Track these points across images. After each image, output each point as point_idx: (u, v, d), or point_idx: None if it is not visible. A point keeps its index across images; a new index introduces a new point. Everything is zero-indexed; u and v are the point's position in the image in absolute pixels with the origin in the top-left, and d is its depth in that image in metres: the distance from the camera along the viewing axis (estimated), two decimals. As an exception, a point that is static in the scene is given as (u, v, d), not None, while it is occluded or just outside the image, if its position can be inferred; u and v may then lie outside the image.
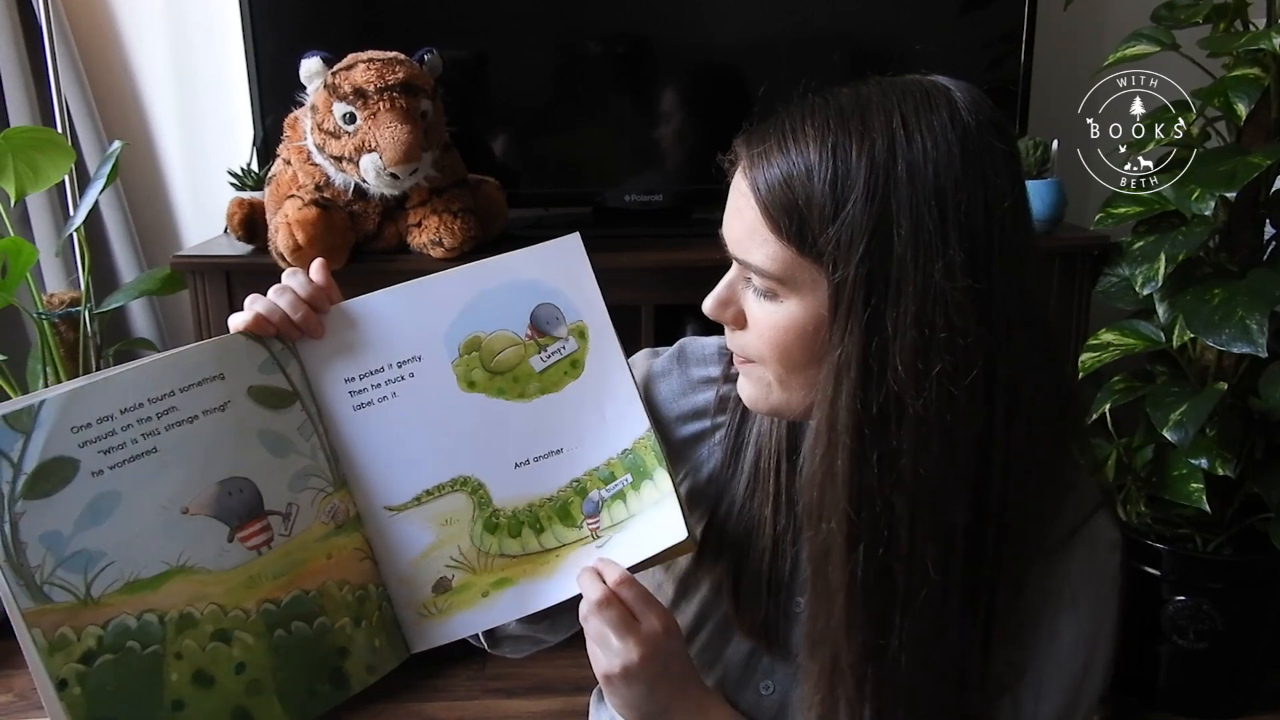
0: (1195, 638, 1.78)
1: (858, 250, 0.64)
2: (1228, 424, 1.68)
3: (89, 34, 2.03)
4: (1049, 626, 0.74)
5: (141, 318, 2.09)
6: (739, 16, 1.85)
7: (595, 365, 0.81)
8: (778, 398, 0.74)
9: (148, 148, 2.11)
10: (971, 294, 0.64)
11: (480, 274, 0.80)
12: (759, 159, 0.69)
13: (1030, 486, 0.70)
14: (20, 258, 1.66)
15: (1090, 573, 0.75)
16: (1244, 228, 1.71)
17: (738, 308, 0.74)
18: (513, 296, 0.80)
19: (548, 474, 0.80)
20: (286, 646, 0.72)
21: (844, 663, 0.71)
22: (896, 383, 0.65)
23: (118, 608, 0.66)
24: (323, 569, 0.75)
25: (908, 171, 0.64)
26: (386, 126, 1.55)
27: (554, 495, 0.80)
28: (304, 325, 0.77)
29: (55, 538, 0.65)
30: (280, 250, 1.59)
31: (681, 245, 1.74)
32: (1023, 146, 1.77)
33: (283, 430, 0.75)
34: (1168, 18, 1.69)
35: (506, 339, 0.80)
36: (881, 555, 0.67)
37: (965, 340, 0.64)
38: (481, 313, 0.80)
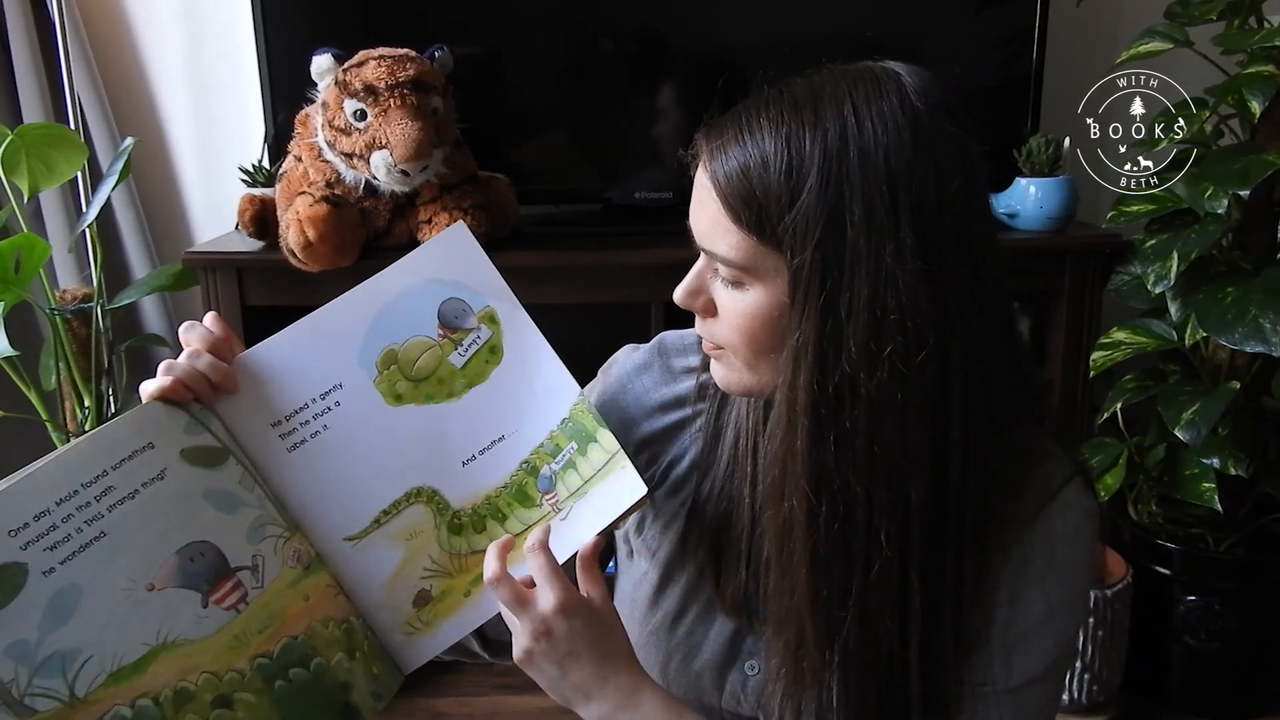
0: (1207, 638, 1.77)
1: (813, 237, 0.66)
2: (1240, 423, 1.67)
3: (102, 31, 2.04)
4: (1021, 595, 0.75)
5: (153, 314, 2.10)
6: (751, 14, 1.84)
7: (513, 346, 0.82)
8: (749, 380, 0.76)
9: (160, 144, 2.12)
10: (923, 276, 0.65)
11: (375, 289, 0.80)
12: (718, 151, 0.71)
13: (991, 462, 0.71)
14: (33, 254, 1.67)
15: (1063, 542, 0.75)
16: (1257, 226, 1.70)
17: (707, 297, 0.75)
18: (414, 301, 0.81)
19: (496, 463, 0.81)
20: (290, 695, 0.71)
21: (808, 637, 0.72)
22: (850, 364, 0.66)
23: (108, 702, 0.64)
24: (303, 611, 0.74)
25: (859, 158, 0.65)
26: (397, 123, 1.56)
27: (508, 482, 0.81)
28: (221, 385, 0.77)
29: (22, 647, 0.62)
30: (291, 247, 1.59)
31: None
32: (1035, 145, 1.76)
33: (225, 486, 0.73)
34: (1181, 14, 1.68)
35: (420, 344, 0.80)
36: (839, 531, 0.69)
37: (916, 321, 0.66)
38: (388, 325, 0.80)
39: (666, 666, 0.85)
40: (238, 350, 0.79)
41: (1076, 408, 1.82)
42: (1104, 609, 1.71)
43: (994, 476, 0.72)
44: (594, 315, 1.91)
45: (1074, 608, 0.77)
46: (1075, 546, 0.76)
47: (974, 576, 0.73)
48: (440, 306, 0.81)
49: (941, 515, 0.70)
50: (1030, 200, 1.76)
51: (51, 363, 1.84)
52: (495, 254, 0.84)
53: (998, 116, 1.85)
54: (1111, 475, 1.73)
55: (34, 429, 1.86)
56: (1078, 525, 0.76)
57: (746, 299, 0.72)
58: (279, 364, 0.78)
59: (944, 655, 0.73)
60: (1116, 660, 1.78)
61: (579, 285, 1.74)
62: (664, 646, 0.85)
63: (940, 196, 0.66)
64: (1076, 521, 0.76)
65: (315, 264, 1.59)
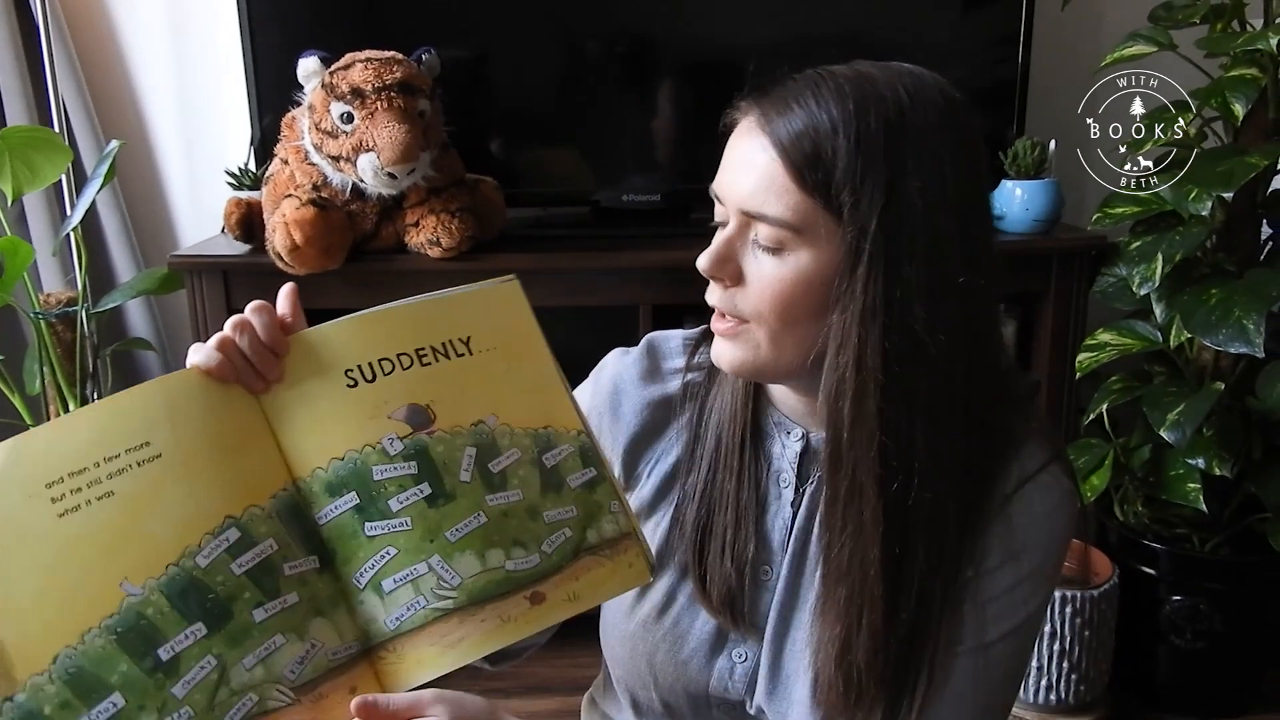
0: (1193, 638, 1.78)
1: (879, 203, 0.70)
2: (1225, 424, 1.68)
3: (86, 33, 2.03)
4: (997, 563, 0.78)
5: (139, 317, 2.09)
6: (737, 16, 1.85)
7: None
8: (765, 357, 0.76)
9: (145, 147, 2.11)
10: (971, 244, 0.73)
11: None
12: (780, 111, 0.72)
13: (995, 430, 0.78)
14: (17, 257, 1.66)
15: (1040, 518, 0.78)
16: (1241, 228, 1.71)
17: (735, 265, 0.75)
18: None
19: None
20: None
21: (873, 592, 0.74)
22: (919, 326, 0.71)
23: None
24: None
25: (916, 135, 0.71)
26: (384, 126, 1.55)
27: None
28: (264, 372, 0.71)
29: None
30: (278, 250, 1.58)
31: (679, 245, 1.74)
32: (1020, 147, 1.77)
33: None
34: (1165, 18, 1.69)
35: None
36: (906, 486, 0.73)
37: (971, 287, 0.72)
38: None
39: (654, 656, 0.86)
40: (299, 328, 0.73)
41: (1062, 409, 1.83)
42: (1091, 609, 1.72)
43: (995, 440, 0.77)
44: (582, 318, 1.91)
45: (1046, 577, 0.80)
46: (1051, 521, 0.79)
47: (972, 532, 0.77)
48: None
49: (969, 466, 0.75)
50: (1016, 203, 1.77)
51: (36, 367, 1.83)
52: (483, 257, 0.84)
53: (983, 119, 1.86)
54: (1098, 476, 1.73)
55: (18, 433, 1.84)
56: (1056, 502, 0.79)
57: (787, 265, 0.72)
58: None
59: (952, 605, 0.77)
60: (1103, 660, 1.78)
61: (567, 288, 1.73)
62: (651, 637, 0.86)
63: (976, 175, 0.75)
64: (1055, 499, 0.79)
65: (302, 267, 1.58)
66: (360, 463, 0.70)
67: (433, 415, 0.72)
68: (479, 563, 0.70)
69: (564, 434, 0.75)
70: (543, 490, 0.73)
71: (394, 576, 0.70)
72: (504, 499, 0.72)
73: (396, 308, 0.73)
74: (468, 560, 0.70)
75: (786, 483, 0.84)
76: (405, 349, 0.72)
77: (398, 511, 0.70)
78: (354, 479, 0.70)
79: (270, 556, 0.68)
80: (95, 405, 0.67)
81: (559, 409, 0.75)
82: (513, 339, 0.75)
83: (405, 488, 0.70)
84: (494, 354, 0.74)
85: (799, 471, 0.84)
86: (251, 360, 0.69)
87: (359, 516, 0.70)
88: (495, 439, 0.73)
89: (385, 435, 0.71)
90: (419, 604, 0.69)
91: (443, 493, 0.71)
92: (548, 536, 0.72)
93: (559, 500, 0.73)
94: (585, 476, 0.74)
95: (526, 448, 0.73)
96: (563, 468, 0.74)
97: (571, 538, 0.73)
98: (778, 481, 0.85)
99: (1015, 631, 0.78)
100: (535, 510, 0.73)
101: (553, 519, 0.73)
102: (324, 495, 0.70)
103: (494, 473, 0.72)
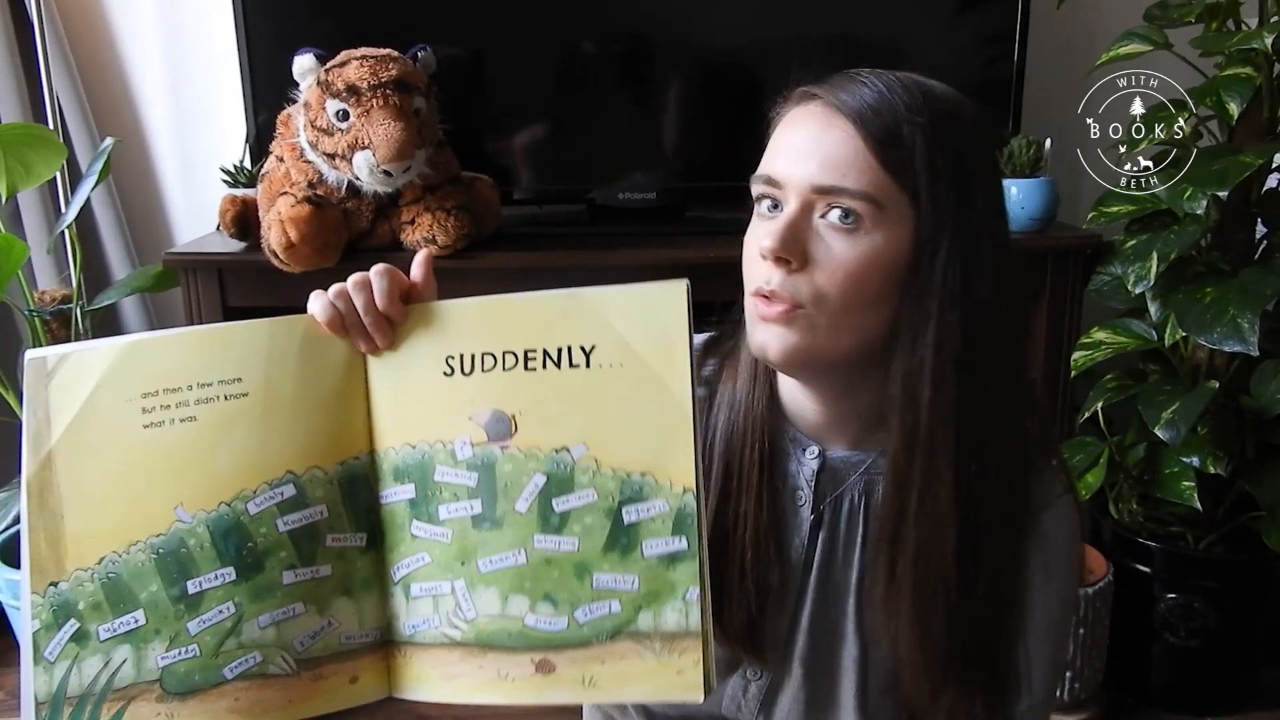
0: (1187, 635, 1.78)
1: (955, 192, 0.72)
2: (1219, 422, 1.69)
3: (81, 30, 2.03)
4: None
5: (133, 315, 2.09)
6: (734, 15, 1.85)
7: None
8: (821, 343, 0.73)
9: (140, 144, 2.10)
10: (1008, 237, 0.78)
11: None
12: (854, 94, 0.73)
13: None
14: (11, 255, 1.66)
15: (1058, 553, 0.80)
16: (1236, 227, 1.71)
17: (803, 246, 0.72)
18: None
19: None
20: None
21: (948, 576, 0.75)
22: (987, 312, 0.74)
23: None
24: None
25: (972, 130, 0.75)
26: (379, 124, 1.55)
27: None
28: (376, 334, 0.70)
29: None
30: (273, 247, 1.58)
31: (675, 243, 1.74)
32: (1016, 145, 1.77)
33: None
34: (1160, 17, 1.69)
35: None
36: (980, 469, 0.75)
37: (1014, 271, 0.77)
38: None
39: None
40: (426, 298, 0.70)
41: (1057, 407, 1.83)
42: (1085, 607, 1.72)
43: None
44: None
45: (1067, 621, 0.83)
46: (1073, 540, 0.81)
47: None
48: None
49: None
50: (1012, 201, 1.77)
51: (30, 364, 1.82)
52: (478, 255, 0.83)
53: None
54: (1092, 474, 1.74)
55: (14, 431, 1.84)
56: (1070, 519, 0.81)
57: (861, 245, 0.71)
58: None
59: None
60: (1098, 658, 1.79)
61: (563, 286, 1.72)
62: None
63: (998, 167, 0.79)
64: (1070, 516, 0.81)
65: (297, 265, 1.58)
66: (427, 457, 0.68)
67: (515, 427, 0.66)
68: (499, 605, 0.66)
69: (663, 488, 0.63)
70: (605, 548, 0.64)
71: (421, 584, 0.68)
72: (553, 544, 0.65)
73: (525, 298, 0.67)
74: (489, 598, 0.66)
75: (804, 500, 0.83)
76: (513, 346, 0.66)
77: (444, 520, 0.67)
78: (417, 471, 0.68)
79: (317, 523, 0.68)
80: (206, 330, 0.69)
81: (674, 457, 0.63)
82: (651, 357, 0.64)
83: (458, 498, 0.67)
84: (617, 371, 0.64)
85: (816, 490, 0.82)
86: (364, 321, 0.68)
87: (411, 511, 0.69)
88: (574, 473, 0.64)
89: (459, 437, 0.67)
90: (432, 622, 0.68)
91: (490, 517, 0.66)
92: (587, 603, 0.64)
93: (622, 565, 0.63)
94: (669, 547, 0.63)
95: (607, 492, 0.64)
96: (643, 528, 0.63)
97: (617, 614, 0.63)
98: (794, 499, 0.83)
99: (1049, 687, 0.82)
100: (585, 568, 0.64)
101: (603, 585, 0.64)
102: (390, 477, 0.69)
103: (555, 511, 0.65)
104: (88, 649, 0.66)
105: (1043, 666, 0.80)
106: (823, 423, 0.82)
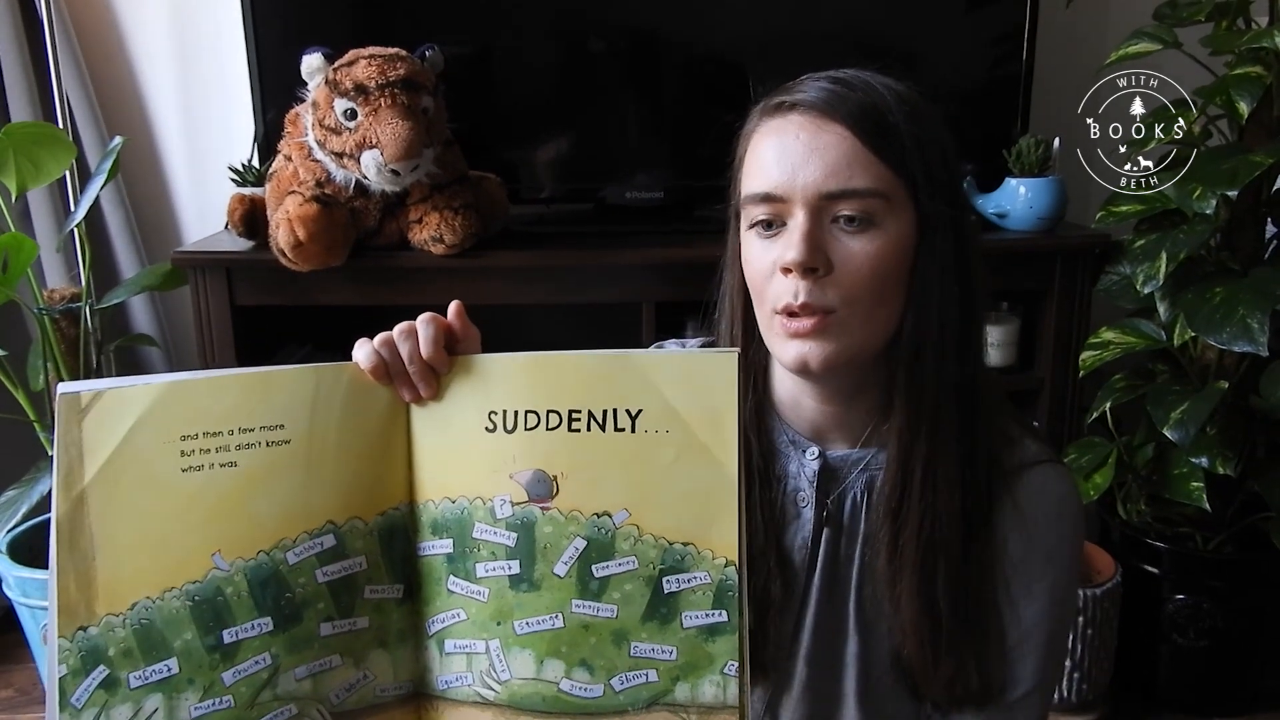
0: (1196, 636, 1.78)
1: (939, 171, 0.75)
2: (1229, 423, 1.68)
3: (90, 29, 2.03)
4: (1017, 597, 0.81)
5: (142, 313, 2.09)
6: (741, 13, 1.85)
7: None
8: (858, 339, 0.76)
9: (149, 143, 2.11)
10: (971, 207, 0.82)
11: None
12: (834, 96, 0.74)
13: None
14: (21, 253, 1.66)
15: (1049, 497, 0.81)
16: (1245, 226, 1.71)
17: (825, 253, 0.73)
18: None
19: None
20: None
21: (950, 538, 0.77)
22: (975, 280, 0.77)
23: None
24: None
25: (933, 116, 0.77)
26: (387, 123, 1.55)
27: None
28: (420, 384, 0.69)
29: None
30: (281, 246, 1.59)
31: (682, 242, 1.74)
32: (1024, 145, 1.77)
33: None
34: (1170, 16, 1.69)
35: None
36: (975, 438, 0.78)
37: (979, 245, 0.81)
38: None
39: None
40: (471, 350, 0.70)
41: (1066, 407, 1.83)
42: (1093, 608, 1.72)
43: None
44: (585, 315, 1.91)
45: (1066, 558, 0.82)
46: (1063, 504, 0.81)
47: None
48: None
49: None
50: (1020, 200, 1.77)
51: (40, 363, 1.83)
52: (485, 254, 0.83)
53: (987, 117, 1.85)
54: (1100, 474, 1.73)
55: (22, 429, 1.85)
56: (1061, 487, 0.82)
57: (876, 240, 0.73)
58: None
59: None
60: (1105, 659, 1.78)
61: (570, 285, 1.73)
62: None
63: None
64: (1060, 484, 0.82)
65: (305, 264, 1.58)
66: (467, 513, 0.67)
67: (556, 489, 0.65)
68: (534, 668, 0.65)
69: (705, 559, 0.63)
70: (645, 617, 0.64)
71: (456, 641, 0.68)
72: (591, 610, 0.65)
73: (574, 356, 0.66)
74: (524, 660, 0.66)
75: (806, 502, 0.83)
76: (558, 406, 0.65)
77: (481, 578, 0.67)
78: (455, 526, 0.67)
79: (356, 574, 0.67)
80: (249, 373, 0.67)
81: (718, 529, 0.63)
82: (698, 426, 0.63)
83: (496, 557, 0.66)
84: (662, 438, 0.64)
85: (818, 489, 0.83)
86: (409, 370, 0.67)
87: (448, 566, 0.68)
88: (615, 539, 0.64)
89: (499, 495, 0.66)
90: (465, 680, 0.67)
91: (528, 579, 0.66)
92: (624, 671, 0.64)
93: (660, 635, 0.64)
94: (709, 619, 0.63)
95: (648, 560, 0.64)
96: (684, 600, 0.63)
97: (655, 685, 0.64)
98: (795, 501, 0.84)
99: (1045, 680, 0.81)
100: (624, 636, 0.64)
101: (641, 654, 0.64)
102: (428, 529, 0.68)
103: (595, 576, 0.65)
104: (117, 697, 0.64)
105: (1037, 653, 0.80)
106: (825, 423, 0.82)
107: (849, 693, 0.83)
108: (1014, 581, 0.79)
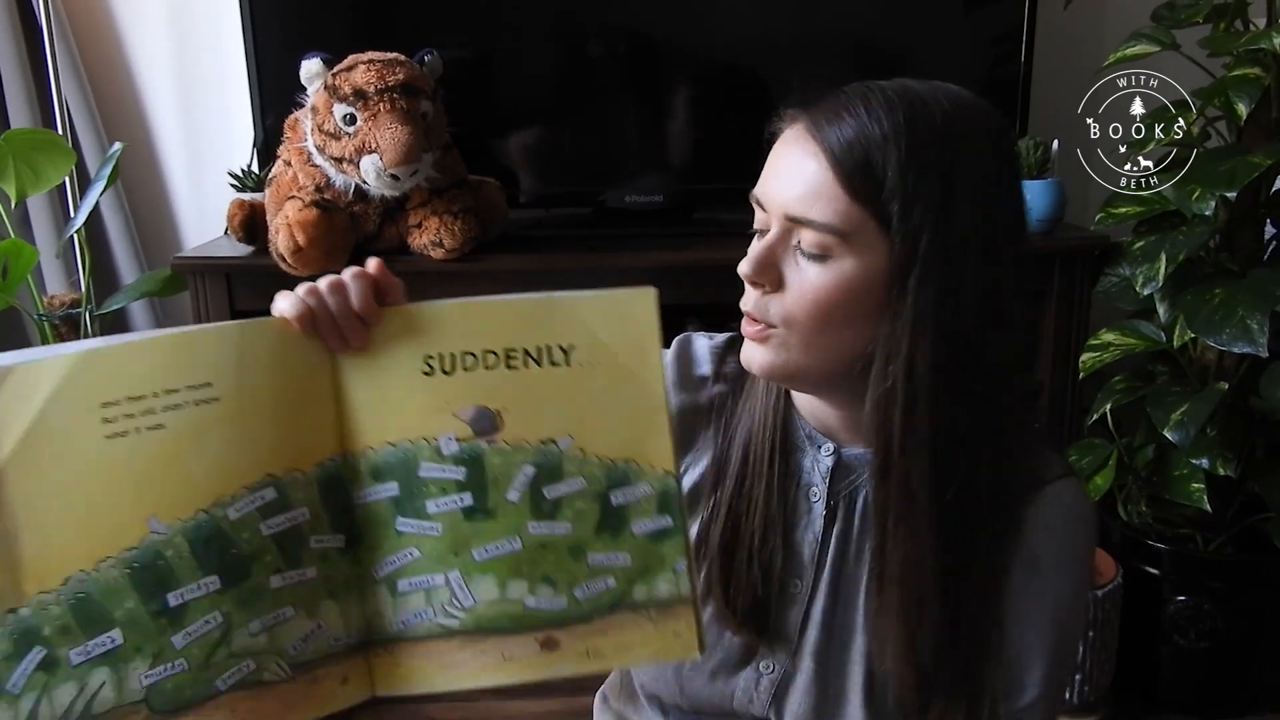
0: (1196, 637, 1.78)
1: (931, 216, 0.71)
2: (1229, 424, 1.68)
3: (89, 35, 2.03)
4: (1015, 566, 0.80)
5: (142, 319, 2.09)
6: (740, 16, 1.85)
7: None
8: (796, 361, 0.76)
9: (148, 149, 2.11)
10: (1011, 263, 0.75)
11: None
12: (828, 120, 0.73)
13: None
14: (21, 259, 1.66)
15: (1059, 520, 0.80)
16: (1245, 228, 1.71)
17: (777, 270, 0.75)
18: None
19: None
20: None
21: (931, 594, 0.75)
22: (968, 334, 0.73)
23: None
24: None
25: (965, 146, 0.73)
26: (386, 128, 1.55)
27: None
28: (349, 337, 0.69)
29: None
30: (281, 251, 1.59)
31: (682, 245, 1.74)
32: (1023, 147, 1.77)
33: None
34: (1168, 17, 1.69)
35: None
36: (958, 492, 0.74)
37: (1014, 299, 0.75)
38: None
39: (680, 669, 0.86)
40: (396, 300, 0.69)
41: (1066, 409, 1.83)
42: (1094, 609, 1.72)
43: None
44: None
45: (1073, 615, 0.81)
46: (1071, 526, 0.80)
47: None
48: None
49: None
50: (1019, 202, 1.77)
51: (39, 368, 1.83)
52: (484, 258, 0.83)
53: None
54: (1101, 476, 1.73)
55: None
56: (1072, 504, 0.80)
57: (829, 272, 0.73)
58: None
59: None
60: (1106, 660, 1.78)
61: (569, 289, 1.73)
62: None
63: (1017, 189, 0.78)
64: (1073, 502, 0.80)
65: (305, 269, 1.59)
66: (410, 454, 0.68)
67: (500, 423, 0.68)
68: (498, 590, 0.67)
69: (646, 471, 0.68)
70: (598, 529, 0.68)
71: (410, 579, 0.68)
72: (547, 529, 0.68)
73: (503, 300, 0.68)
74: (486, 585, 0.67)
75: (817, 497, 0.84)
76: (494, 346, 0.67)
77: (433, 515, 0.68)
78: (400, 469, 0.68)
79: (300, 525, 0.67)
80: (169, 335, 0.65)
81: (652, 443, 0.68)
82: (624, 355, 0.68)
83: (446, 492, 0.68)
84: (594, 369, 0.68)
85: (831, 485, 0.83)
86: (338, 322, 0.66)
87: (394, 509, 0.68)
88: (562, 463, 0.68)
89: (444, 433, 0.67)
90: (426, 615, 0.68)
91: (483, 508, 0.67)
92: (584, 581, 0.67)
93: (614, 544, 0.68)
94: (656, 525, 0.68)
95: (595, 479, 0.68)
96: (631, 510, 0.68)
97: (614, 589, 0.68)
98: (808, 495, 0.84)
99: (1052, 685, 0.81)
100: (580, 549, 0.68)
101: (598, 564, 0.68)
102: (368, 476, 0.68)
103: (547, 499, 0.68)
104: (58, 676, 0.61)
105: (1043, 661, 0.80)
106: (838, 423, 0.83)
107: (855, 692, 0.83)
108: (1023, 590, 0.79)
